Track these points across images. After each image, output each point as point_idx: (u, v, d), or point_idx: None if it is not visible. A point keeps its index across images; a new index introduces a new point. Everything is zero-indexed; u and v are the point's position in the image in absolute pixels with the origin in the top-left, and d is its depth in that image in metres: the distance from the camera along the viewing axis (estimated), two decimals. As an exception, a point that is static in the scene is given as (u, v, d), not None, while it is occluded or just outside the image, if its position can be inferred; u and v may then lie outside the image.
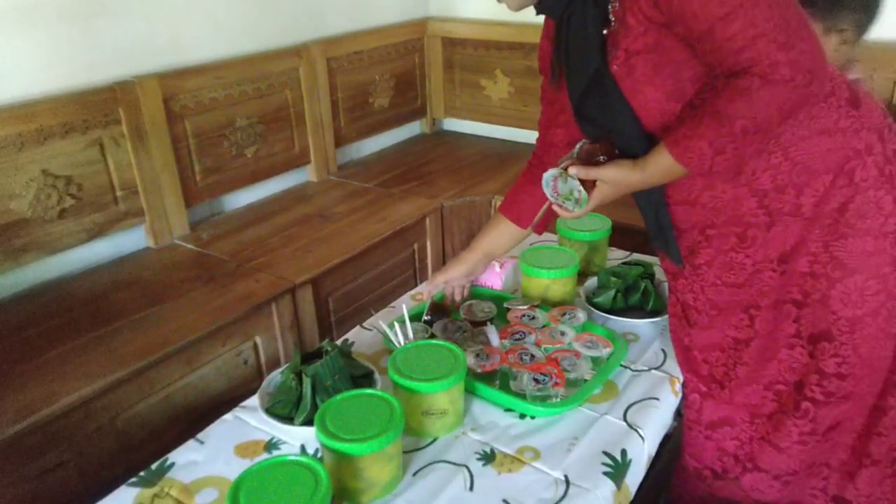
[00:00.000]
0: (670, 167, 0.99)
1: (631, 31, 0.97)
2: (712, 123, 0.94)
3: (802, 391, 1.10)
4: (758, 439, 1.17)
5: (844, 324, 1.04)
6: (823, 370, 1.07)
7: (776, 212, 1.04)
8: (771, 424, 1.15)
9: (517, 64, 2.76)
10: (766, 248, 1.06)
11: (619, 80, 1.01)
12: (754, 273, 1.09)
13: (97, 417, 1.43)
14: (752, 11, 0.88)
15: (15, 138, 1.66)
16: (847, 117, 1.01)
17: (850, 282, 1.02)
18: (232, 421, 1.14)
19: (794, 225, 1.04)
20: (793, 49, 0.89)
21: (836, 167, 1.01)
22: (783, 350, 1.10)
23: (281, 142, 2.34)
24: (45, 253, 1.76)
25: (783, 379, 1.12)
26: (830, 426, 1.11)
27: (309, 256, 1.97)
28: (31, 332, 1.60)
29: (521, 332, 1.28)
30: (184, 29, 1.85)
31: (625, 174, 1.04)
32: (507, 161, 2.69)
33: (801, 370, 1.10)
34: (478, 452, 1.05)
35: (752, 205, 1.05)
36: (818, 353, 1.07)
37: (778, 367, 1.12)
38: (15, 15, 1.68)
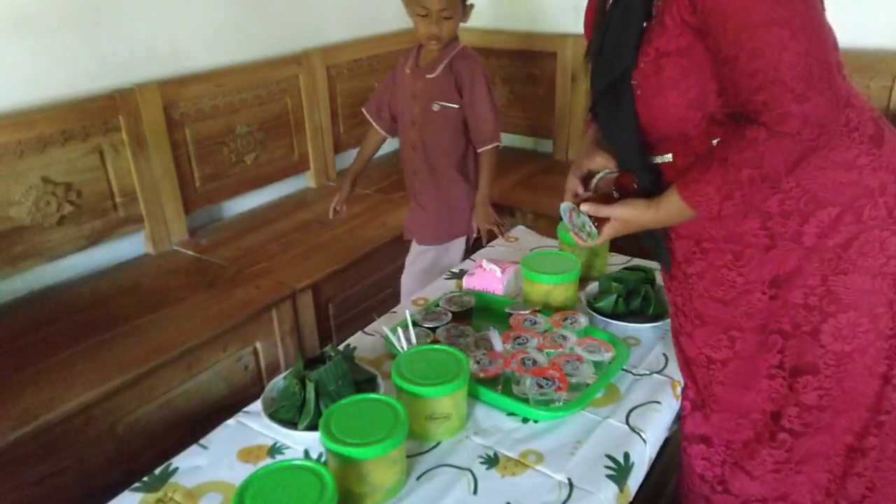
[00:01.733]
0: (680, 209, 1.02)
1: (666, 31, 0.96)
2: (720, 170, 0.96)
3: (780, 422, 1.10)
4: (731, 464, 1.17)
5: (832, 357, 1.04)
6: (804, 402, 1.07)
7: (778, 235, 1.03)
8: (745, 451, 1.15)
9: (516, 72, 2.78)
10: (760, 269, 1.05)
11: (645, 77, 1.00)
12: (744, 292, 1.07)
13: (97, 423, 1.43)
14: (779, 54, 0.88)
15: (15, 146, 1.66)
16: (867, 154, 1.00)
17: (843, 317, 1.02)
18: (235, 426, 1.14)
19: (793, 252, 1.03)
20: (807, 102, 0.89)
21: (845, 202, 1.00)
22: (763, 380, 1.10)
23: (280, 148, 2.35)
24: (45, 259, 1.77)
25: (760, 408, 1.12)
26: (804, 457, 1.10)
27: (309, 262, 1.97)
28: (30, 339, 1.60)
29: (523, 336, 1.28)
30: (185, 37, 1.86)
31: (636, 214, 1.06)
32: (505, 167, 2.68)
33: (779, 401, 1.10)
34: (481, 456, 1.06)
35: (755, 225, 1.04)
36: (798, 386, 1.07)
37: (756, 396, 1.11)
38: (15, 23, 1.69)
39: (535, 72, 2.73)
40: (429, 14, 1.68)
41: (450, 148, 1.85)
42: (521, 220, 2.27)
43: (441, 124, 1.81)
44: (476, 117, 1.81)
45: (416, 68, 1.82)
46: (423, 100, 1.80)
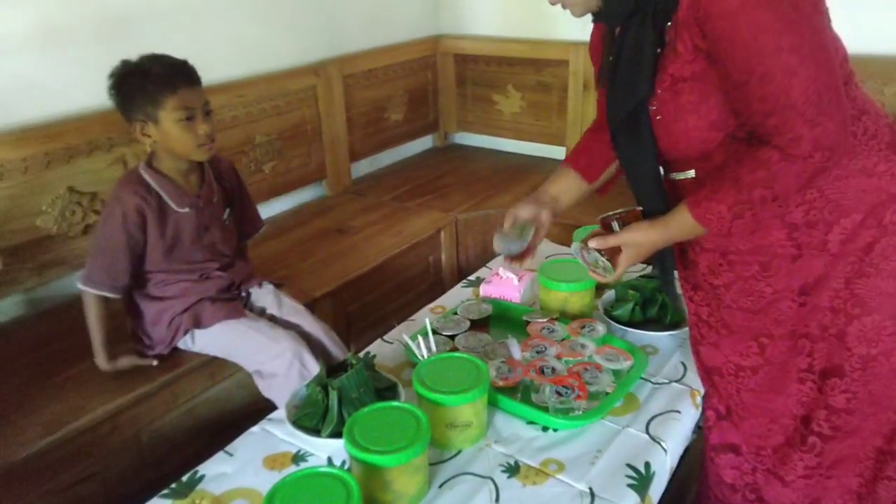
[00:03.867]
0: (692, 227, 1.03)
1: (679, 57, 0.97)
2: (732, 190, 0.98)
3: (809, 426, 1.10)
4: (763, 471, 1.17)
5: (857, 361, 1.05)
6: (833, 405, 1.08)
7: (804, 245, 1.04)
8: (777, 457, 1.15)
9: (529, 79, 2.80)
10: (788, 278, 1.06)
11: (663, 104, 1.01)
12: (773, 302, 1.08)
13: (123, 431, 1.46)
14: (789, 80, 0.89)
15: (42, 157, 1.70)
16: (886, 161, 1.01)
17: (867, 320, 1.03)
18: (260, 433, 1.16)
19: (819, 259, 1.04)
20: (818, 126, 0.91)
21: (866, 208, 1.01)
22: (794, 384, 1.10)
23: (298, 157, 2.38)
24: (70, 268, 1.80)
25: (791, 413, 1.12)
26: (835, 461, 1.11)
27: (327, 270, 1.99)
28: (57, 347, 1.63)
29: (541, 345, 1.29)
30: (206, 49, 1.89)
31: (643, 236, 1.09)
32: (520, 174, 2.72)
33: (809, 404, 1.10)
34: (502, 465, 1.07)
35: (781, 236, 1.05)
36: (827, 389, 1.07)
37: (787, 401, 1.12)
38: (43, 37, 1.73)
39: (546, 79, 2.75)
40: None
41: None
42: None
43: None
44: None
45: None
46: None
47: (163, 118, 1.38)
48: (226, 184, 1.61)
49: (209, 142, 1.43)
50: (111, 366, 1.48)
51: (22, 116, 1.71)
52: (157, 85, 1.37)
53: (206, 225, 1.54)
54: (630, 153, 1.11)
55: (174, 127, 1.39)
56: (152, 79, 1.37)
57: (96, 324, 1.46)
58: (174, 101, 1.37)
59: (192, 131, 1.40)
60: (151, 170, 1.46)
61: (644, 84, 1.01)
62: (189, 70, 1.42)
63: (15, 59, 1.68)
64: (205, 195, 1.53)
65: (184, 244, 1.51)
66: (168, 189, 1.47)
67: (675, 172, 1.12)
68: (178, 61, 1.41)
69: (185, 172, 1.49)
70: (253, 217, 1.73)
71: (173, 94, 1.37)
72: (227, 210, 1.61)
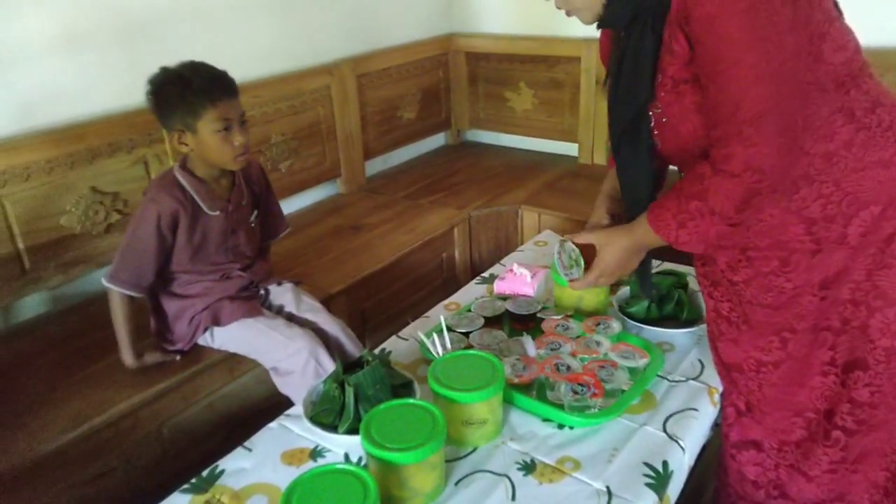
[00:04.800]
0: (647, 231, 1.09)
1: (677, 58, 0.99)
2: (675, 199, 1.05)
3: (833, 420, 1.10)
4: (786, 466, 1.16)
5: (881, 353, 1.04)
6: (856, 399, 1.07)
7: (823, 240, 1.04)
8: (800, 452, 1.15)
9: (541, 76, 2.79)
10: (808, 273, 1.06)
11: (667, 106, 1.03)
12: (794, 297, 1.08)
13: (144, 425, 1.48)
14: (740, 94, 0.92)
15: (66, 158, 1.73)
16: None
17: (890, 312, 1.02)
18: (277, 429, 1.18)
19: (839, 252, 1.04)
20: (752, 147, 0.93)
21: (885, 199, 1.00)
22: (817, 377, 1.10)
23: (313, 156, 2.40)
24: (94, 266, 1.83)
25: (814, 407, 1.12)
26: (860, 455, 1.10)
27: (342, 267, 2.01)
28: (80, 343, 1.67)
29: (556, 342, 1.30)
30: (223, 51, 1.91)
31: (614, 235, 1.17)
32: (532, 171, 2.72)
33: (832, 398, 1.10)
34: (518, 462, 1.07)
35: (800, 231, 1.05)
36: (850, 382, 1.07)
37: (810, 394, 1.11)
38: (66, 41, 1.76)
39: (559, 76, 2.74)
40: None
41: None
42: (548, 224, 2.29)
43: None
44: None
45: None
46: None
47: (200, 129, 1.40)
48: (254, 187, 1.63)
49: (244, 152, 1.44)
50: (137, 363, 1.50)
51: (46, 119, 1.74)
52: (196, 96, 1.37)
53: (233, 228, 1.56)
54: (630, 161, 1.14)
55: (211, 138, 1.40)
56: (192, 90, 1.37)
57: (122, 322, 1.48)
58: (213, 113, 1.38)
59: (229, 142, 1.41)
60: (185, 172, 1.48)
61: (644, 89, 1.03)
62: (228, 82, 1.42)
63: (39, 64, 1.71)
64: (235, 199, 1.55)
65: (209, 246, 1.53)
66: (201, 192, 1.48)
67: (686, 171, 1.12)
68: (218, 72, 1.42)
69: (217, 176, 1.51)
70: (278, 219, 1.74)
71: (213, 106, 1.38)
72: (254, 213, 1.63)
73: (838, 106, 0.99)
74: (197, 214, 1.48)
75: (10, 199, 1.65)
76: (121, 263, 1.45)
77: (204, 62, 1.43)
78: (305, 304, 1.69)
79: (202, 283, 1.55)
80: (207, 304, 1.55)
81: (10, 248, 1.67)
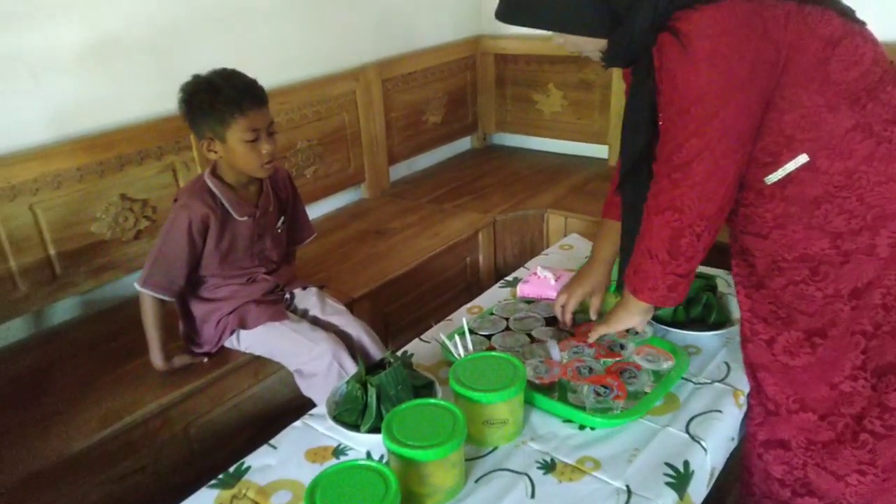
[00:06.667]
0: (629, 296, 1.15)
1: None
2: (634, 255, 1.12)
3: (862, 423, 1.08)
4: (813, 465, 1.15)
5: None
6: (886, 404, 1.06)
7: (850, 252, 1.03)
8: (827, 453, 1.13)
9: (571, 77, 2.78)
10: (837, 282, 1.05)
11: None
12: (825, 305, 1.08)
13: (173, 425, 1.51)
14: (680, 139, 0.99)
15: (96, 166, 1.79)
16: None
17: None
18: (302, 428, 1.19)
19: (870, 263, 1.03)
20: (677, 188, 1.01)
21: None
22: (847, 382, 1.09)
23: (338, 161, 2.43)
24: (124, 272, 1.88)
25: (839, 411, 1.10)
26: (890, 464, 1.08)
27: (366, 271, 2.03)
28: (112, 346, 1.71)
29: (579, 345, 1.29)
30: (252, 58, 1.94)
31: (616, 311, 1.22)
32: (560, 174, 2.70)
33: (861, 402, 1.08)
34: (538, 461, 1.07)
35: (825, 245, 1.04)
36: (882, 387, 1.06)
37: (838, 398, 1.10)
38: (95, 50, 1.81)
39: (589, 77, 2.73)
40: None
41: None
42: (574, 228, 2.27)
43: None
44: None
45: None
46: None
47: (229, 137, 1.42)
48: (282, 193, 1.65)
49: (271, 160, 1.46)
50: (166, 365, 1.54)
51: (78, 128, 1.80)
52: (226, 105, 1.39)
53: (260, 233, 1.58)
54: (631, 197, 1.16)
55: (240, 146, 1.42)
56: (223, 99, 1.39)
57: (154, 325, 1.51)
58: (242, 122, 1.40)
59: (257, 151, 1.43)
60: (216, 178, 1.51)
61: (643, 131, 1.09)
62: (258, 91, 1.44)
63: (70, 73, 1.77)
64: (262, 205, 1.57)
65: (238, 251, 1.56)
66: (230, 198, 1.51)
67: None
68: (249, 81, 1.44)
69: (245, 183, 1.54)
70: (304, 225, 1.77)
71: (242, 116, 1.40)
72: (281, 219, 1.65)
73: (854, 123, 0.99)
74: (226, 220, 1.51)
75: (41, 207, 1.70)
76: (153, 268, 1.48)
77: (235, 70, 1.45)
78: (330, 307, 1.70)
79: (229, 287, 1.58)
80: (234, 308, 1.58)
81: (42, 253, 1.72)
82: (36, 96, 1.72)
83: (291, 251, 1.78)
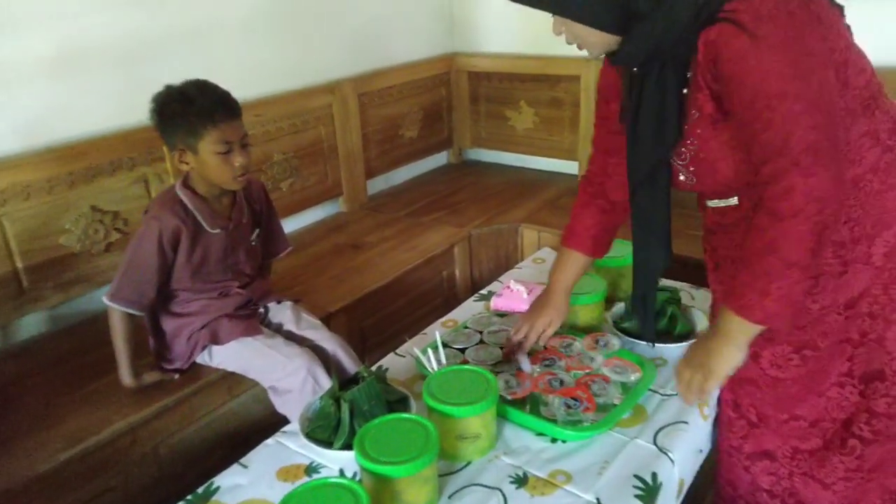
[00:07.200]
0: (738, 324, 0.99)
1: (710, 97, 0.97)
2: (747, 271, 0.96)
3: (850, 429, 1.10)
4: (800, 474, 1.17)
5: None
6: (874, 409, 1.08)
7: (850, 261, 1.05)
8: (814, 461, 1.15)
9: (542, 95, 2.82)
10: (835, 293, 1.07)
11: (704, 142, 1.01)
12: (819, 317, 1.09)
13: (142, 445, 1.49)
14: (790, 127, 0.89)
15: (66, 177, 1.76)
16: None
17: None
18: (274, 446, 1.18)
19: (864, 273, 1.04)
20: (812, 177, 0.89)
21: None
22: (833, 388, 1.11)
23: (314, 175, 2.43)
24: (94, 286, 1.85)
25: (829, 417, 1.12)
26: (875, 465, 1.11)
27: (342, 285, 2.02)
28: (79, 363, 1.68)
29: (551, 357, 1.30)
30: (225, 69, 1.93)
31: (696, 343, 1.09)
32: (533, 189, 2.73)
33: (850, 409, 1.10)
34: (511, 476, 1.07)
35: (828, 255, 1.05)
36: (869, 393, 1.07)
37: (826, 404, 1.12)
38: (67, 62, 1.79)
39: (559, 95, 2.78)
40: None
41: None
42: (547, 242, 2.30)
43: None
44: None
45: None
46: None
47: (202, 149, 1.41)
48: (256, 205, 1.64)
49: (244, 173, 1.45)
50: (135, 382, 1.51)
51: (47, 138, 1.77)
52: (199, 117, 1.38)
53: (233, 246, 1.57)
54: (647, 205, 1.11)
55: (212, 158, 1.41)
56: (195, 110, 1.38)
57: (122, 341, 1.49)
58: (215, 134, 1.39)
59: (229, 163, 1.42)
60: (188, 190, 1.49)
61: (671, 131, 1.01)
62: (231, 103, 1.44)
63: (41, 83, 1.74)
64: (236, 217, 1.56)
65: (210, 264, 1.55)
66: (203, 210, 1.50)
67: (716, 200, 1.13)
68: (222, 93, 1.44)
69: (218, 195, 1.53)
70: (279, 238, 1.76)
71: (214, 127, 1.39)
72: (255, 231, 1.64)
73: (865, 129, 1.00)
74: (198, 232, 1.50)
75: (9, 218, 1.67)
76: (122, 281, 1.46)
77: (208, 81, 1.45)
78: (305, 321, 1.69)
79: (200, 301, 1.57)
80: (206, 322, 1.56)
81: (9, 267, 1.69)
82: (4, 106, 1.69)
83: (266, 264, 1.77)
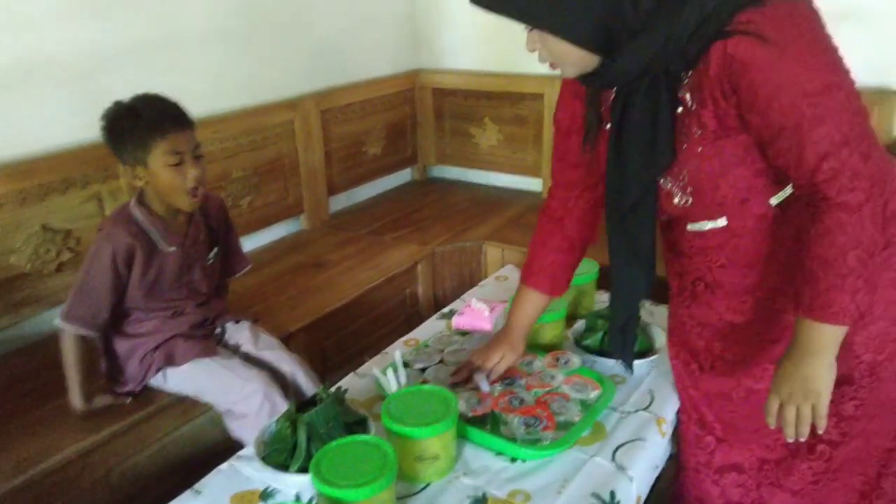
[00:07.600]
0: (820, 333, 0.96)
1: (715, 113, 0.96)
2: (830, 273, 0.93)
3: (818, 433, 1.10)
4: (767, 485, 1.19)
5: (865, 367, 1.08)
6: (842, 413, 1.11)
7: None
8: (780, 470, 1.17)
9: (506, 112, 2.86)
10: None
11: (706, 160, 1.00)
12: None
13: (92, 471, 1.43)
14: (840, 115, 0.89)
15: (16, 194, 1.71)
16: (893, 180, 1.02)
17: (873, 328, 1.06)
18: (228, 471, 1.15)
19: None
20: (870, 158, 0.90)
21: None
22: None
23: (275, 192, 2.40)
24: (45, 306, 1.79)
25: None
26: (841, 464, 1.13)
27: (303, 305, 2.00)
28: (29, 386, 1.62)
29: (510, 377, 1.31)
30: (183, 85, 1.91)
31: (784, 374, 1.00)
32: (497, 206, 2.76)
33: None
34: (470, 497, 1.07)
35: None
36: (837, 397, 1.08)
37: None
38: (19, 76, 1.75)
39: (523, 112, 2.81)
40: None
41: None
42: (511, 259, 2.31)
43: None
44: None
45: None
46: None
47: (152, 162, 1.39)
48: (213, 222, 1.62)
49: (198, 185, 1.42)
50: (86, 406, 1.46)
51: (-3, 154, 1.72)
52: (146, 129, 1.37)
53: (188, 264, 1.54)
54: (634, 232, 1.10)
55: (163, 171, 1.39)
56: (143, 123, 1.37)
57: (73, 363, 1.44)
58: (163, 145, 1.38)
59: (181, 175, 1.40)
60: (142, 207, 1.47)
61: (664, 153, 0.99)
62: (179, 113, 1.42)
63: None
64: (192, 234, 1.53)
65: (164, 283, 1.51)
66: (157, 228, 1.47)
67: (702, 221, 1.10)
68: (169, 104, 1.42)
69: (173, 211, 1.50)
70: (238, 256, 1.73)
71: (162, 138, 1.37)
72: (213, 250, 1.61)
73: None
74: (152, 250, 1.47)
75: (-43, 238, 1.62)
76: (76, 301, 1.42)
77: (157, 94, 1.43)
78: (263, 342, 1.67)
79: (154, 321, 1.53)
80: (159, 343, 1.52)
81: (-44, 288, 1.63)
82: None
83: (224, 283, 1.74)
